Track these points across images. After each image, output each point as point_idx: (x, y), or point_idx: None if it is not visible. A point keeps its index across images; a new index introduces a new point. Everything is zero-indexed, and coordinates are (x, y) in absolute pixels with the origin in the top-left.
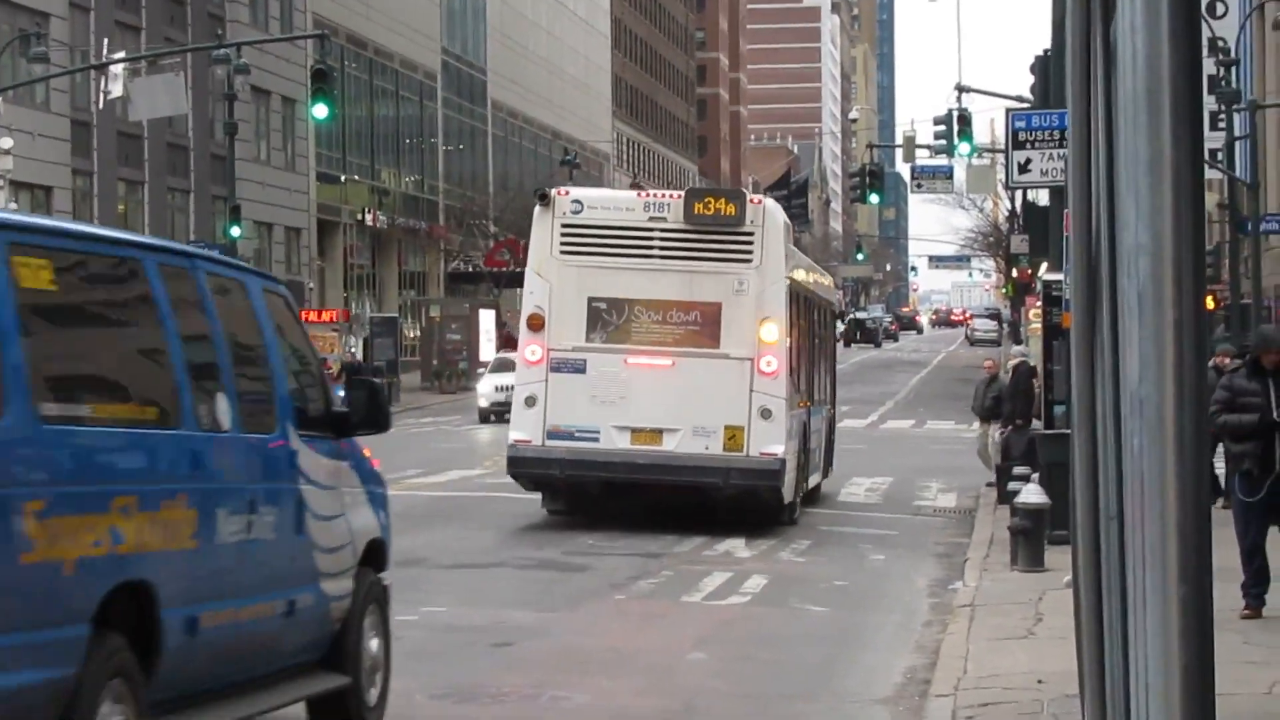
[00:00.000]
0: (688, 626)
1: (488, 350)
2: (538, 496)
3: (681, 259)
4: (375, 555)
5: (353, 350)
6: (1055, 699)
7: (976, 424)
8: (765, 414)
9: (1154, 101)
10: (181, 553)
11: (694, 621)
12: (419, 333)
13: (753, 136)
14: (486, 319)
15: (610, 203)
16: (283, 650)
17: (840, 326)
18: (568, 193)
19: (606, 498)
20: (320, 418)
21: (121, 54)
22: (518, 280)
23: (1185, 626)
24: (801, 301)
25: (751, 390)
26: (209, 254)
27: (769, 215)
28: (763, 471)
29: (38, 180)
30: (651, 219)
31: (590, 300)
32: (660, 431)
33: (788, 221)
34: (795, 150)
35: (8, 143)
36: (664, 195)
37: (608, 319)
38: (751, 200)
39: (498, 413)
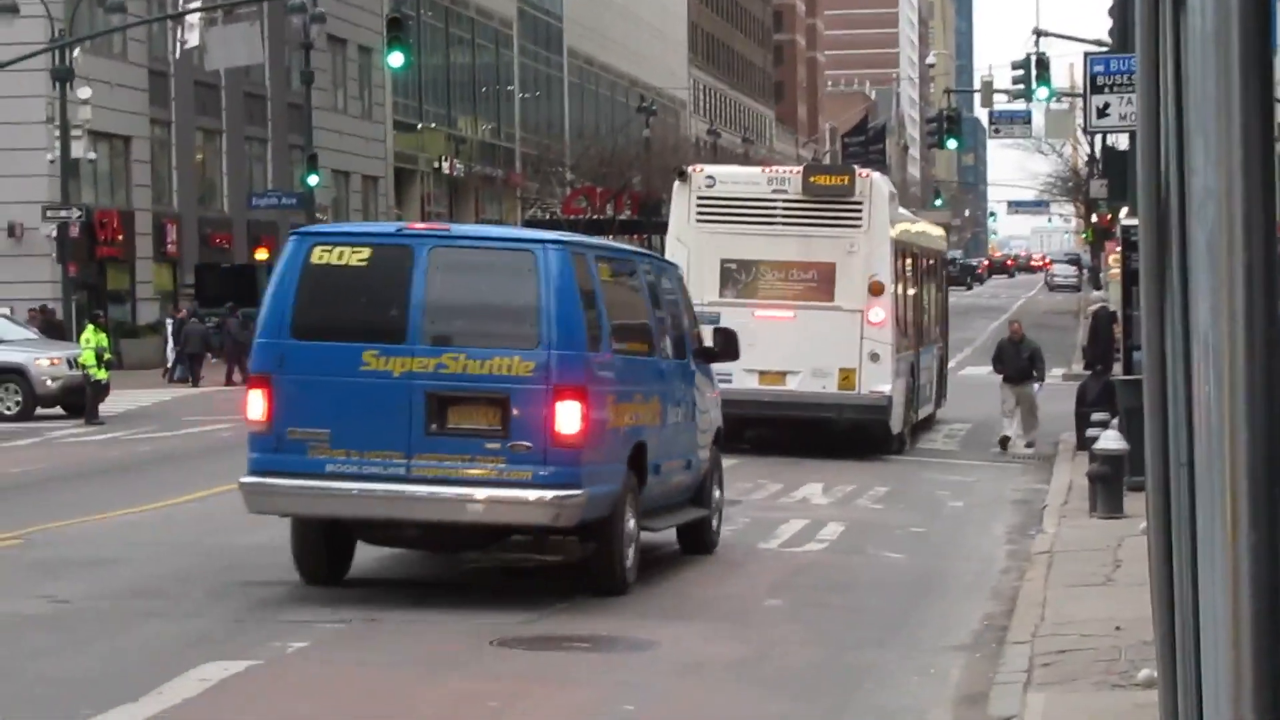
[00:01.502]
0: (764, 573)
1: None
2: None
3: (800, 225)
4: (718, 437)
5: None
6: (1132, 645)
7: (1001, 382)
8: (874, 358)
9: (1222, 43)
10: (656, 427)
11: (770, 568)
12: None
13: (830, 83)
14: None
15: (738, 177)
16: (682, 490)
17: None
18: (702, 169)
19: (738, 430)
20: (699, 350)
21: (198, 4)
22: (595, 228)
23: (1255, 573)
24: (908, 255)
25: (862, 338)
26: (653, 254)
27: (875, 186)
28: (872, 407)
29: (116, 130)
30: (774, 191)
31: (723, 262)
32: (784, 374)
33: (893, 190)
34: (873, 96)
35: (86, 93)
36: (785, 170)
37: (738, 278)
38: (860, 174)
39: None
